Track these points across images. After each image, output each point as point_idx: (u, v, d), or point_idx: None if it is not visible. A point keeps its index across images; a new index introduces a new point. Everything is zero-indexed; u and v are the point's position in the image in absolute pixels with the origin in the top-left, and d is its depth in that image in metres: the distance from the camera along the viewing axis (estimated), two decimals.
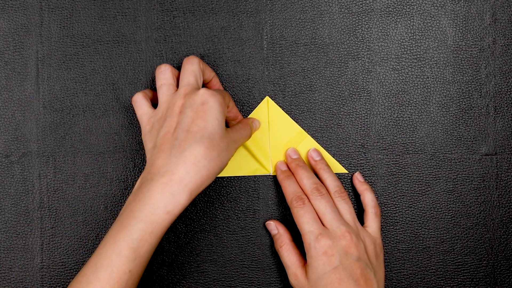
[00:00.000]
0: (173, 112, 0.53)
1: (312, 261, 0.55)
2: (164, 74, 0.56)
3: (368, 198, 0.60)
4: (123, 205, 0.54)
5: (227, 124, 0.60)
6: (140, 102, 0.57)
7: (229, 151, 0.53)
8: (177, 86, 0.56)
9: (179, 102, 0.53)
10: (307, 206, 0.56)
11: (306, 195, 0.58)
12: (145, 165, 0.57)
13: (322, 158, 0.61)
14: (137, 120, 0.61)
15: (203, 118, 0.52)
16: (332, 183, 0.59)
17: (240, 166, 0.61)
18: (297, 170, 0.59)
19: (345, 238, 0.55)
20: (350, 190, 0.62)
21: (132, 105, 0.61)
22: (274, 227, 0.60)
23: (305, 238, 0.56)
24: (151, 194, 0.50)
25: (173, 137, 0.52)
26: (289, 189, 0.58)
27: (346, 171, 0.62)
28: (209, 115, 0.52)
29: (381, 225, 0.62)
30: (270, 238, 0.62)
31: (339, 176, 0.62)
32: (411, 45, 0.62)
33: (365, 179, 0.62)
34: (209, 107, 0.52)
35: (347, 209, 0.58)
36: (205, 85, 0.59)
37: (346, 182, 0.62)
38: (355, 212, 0.62)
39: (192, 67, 0.56)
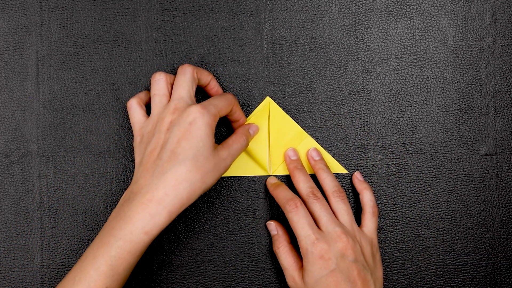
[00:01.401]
0: (161, 128, 0.53)
1: (309, 265, 0.55)
2: (157, 84, 0.56)
3: (367, 198, 0.60)
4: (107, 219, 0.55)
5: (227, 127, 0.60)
6: (134, 109, 0.57)
7: (216, 171, 0.53)
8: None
9: (168, 118, 0.53)
10: (300, 209, 0.56)
11: (302, 199, 0.58)
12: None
13: (322, 158, 0.61)
14: None
15: (188, 139, 0.52)
16: (330, 183, 0.59)
17: (240, 166, 0.61)
18: (294, 173, 0.59)
19: (341, 240, 0.55)
20: (349, 190, 0.62)
21: None
22: (274, 227, 0.60)
23: (301, 243, 0.56)
24: (131, 214, 0.51)
25: (158, 157, 0.52)
26: (280, 195, 0.58)
27: (346, 171, 0.62)
28: (195, 137, 0.52)
29: (381, 225, 0.62)
30: (270, 238, 0.62)
31: (339, 176, 0.62)
32: (411, 45, 0.62)
33: (365, 179, 0.62)
34: (196, 128, 0.52)
35: (344, 209, 0.58)
36: (203, 89, 0.59)
37: (346, 182, 0.62)
38: (354, 212, 0.62)
39: (184, 78, 0.55)
